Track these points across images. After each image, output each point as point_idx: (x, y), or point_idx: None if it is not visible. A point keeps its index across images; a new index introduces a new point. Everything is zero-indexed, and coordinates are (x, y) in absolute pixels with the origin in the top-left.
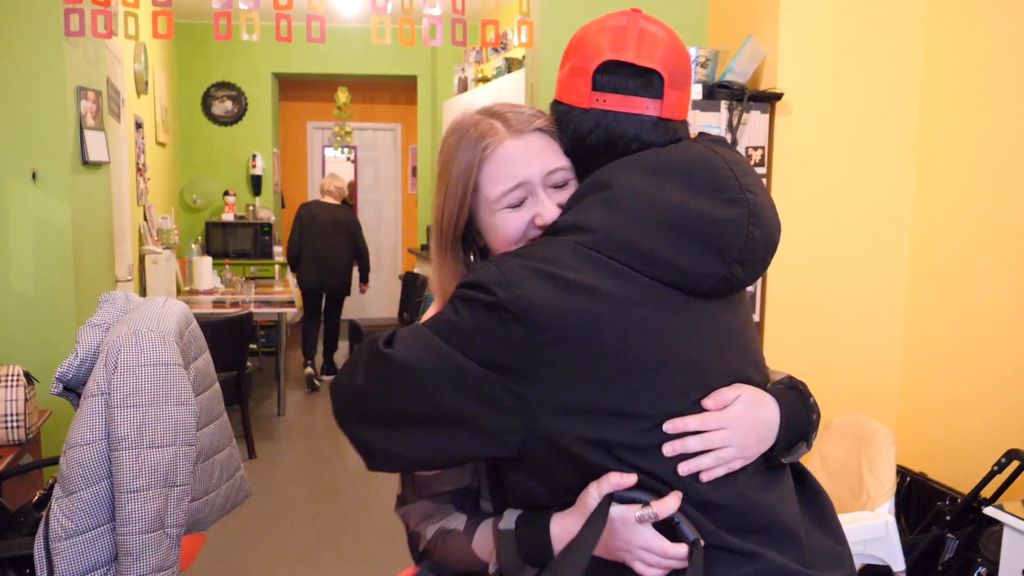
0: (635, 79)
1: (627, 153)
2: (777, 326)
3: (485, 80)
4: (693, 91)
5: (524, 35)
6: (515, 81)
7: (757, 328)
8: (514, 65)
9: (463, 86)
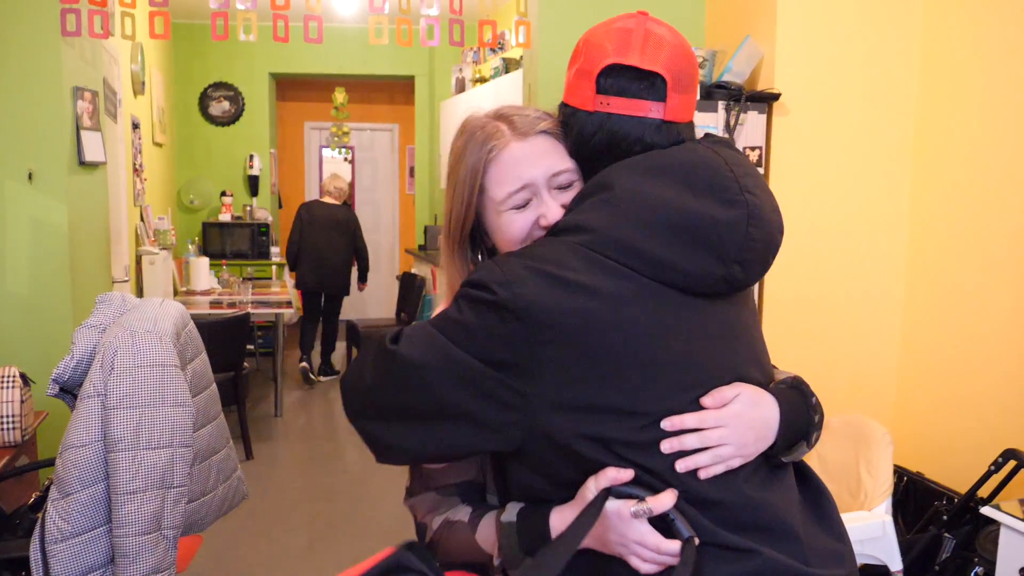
0: (638, 82)
1: (631, 154)
2: (775, 326)
3: (483, 80)
4: None
5: (522, 35)
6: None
7: None
8: (512, 65)
9: (461, 86)
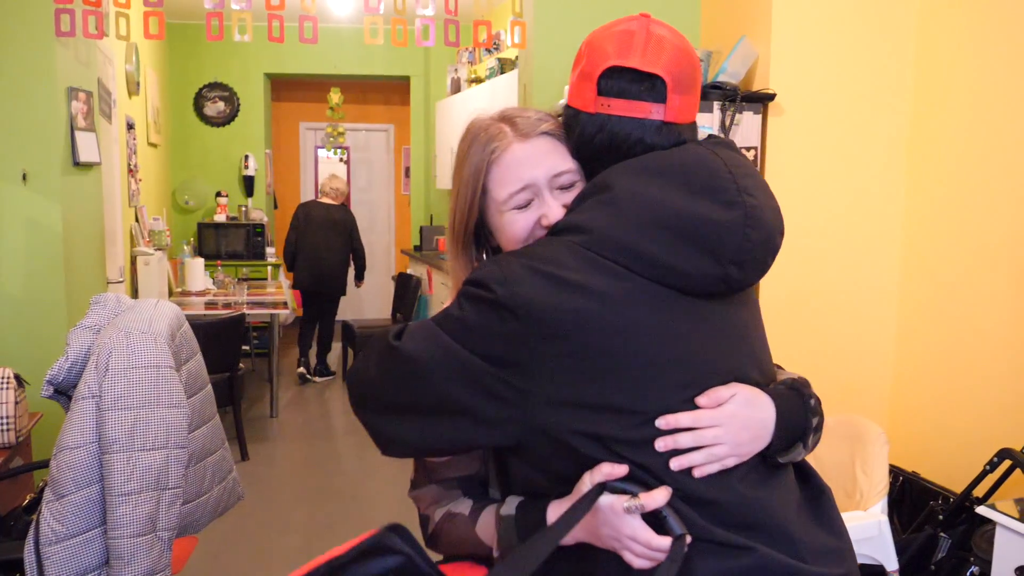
0: (639, 84)
1: (632, 155)
2: (770, 325)
3: (478, 81)
4: None
5: (517, 36)
6: (508, 82)
7: None
8: (507, 66)
9: (456, 87)
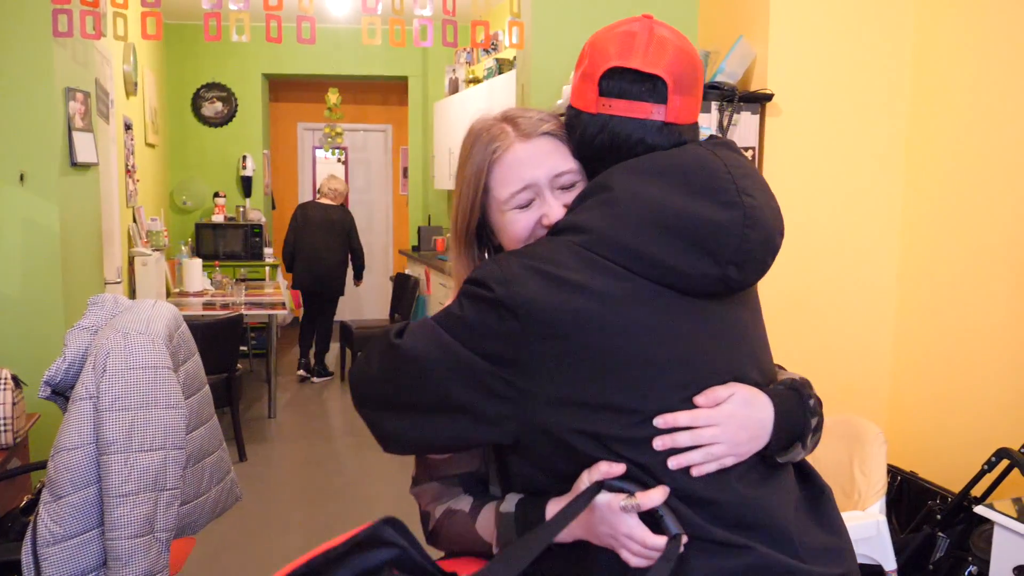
0: (640, 84)
1: (633, 156)
2: (767, 325)
3: (476, 81)
4: None
5: (515, 36)
6: (506, 82)
7: None
8: (505, 66)
9: (454, 87)
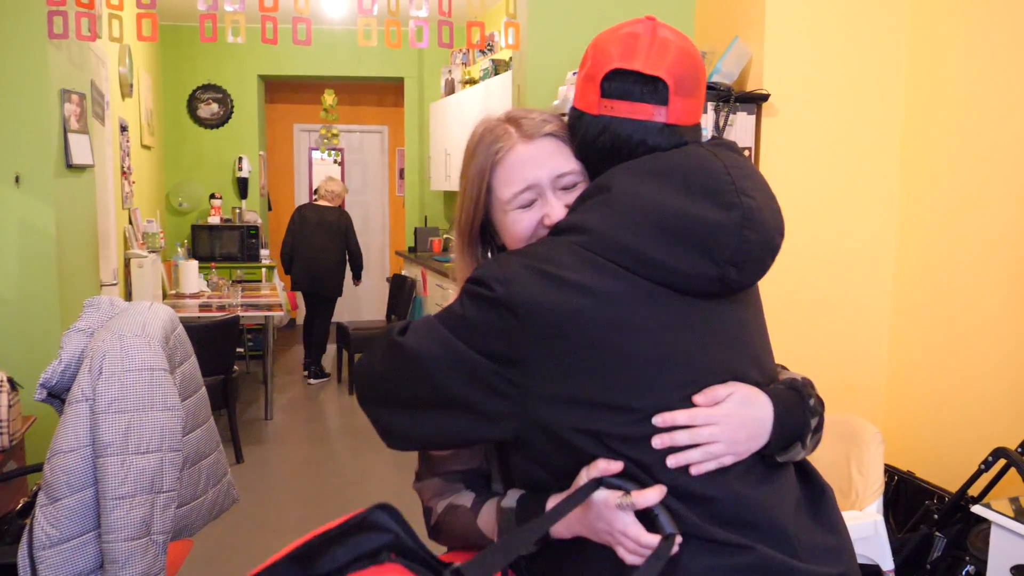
0: (641, 86)
1: (635, 157)
2: None
3: (472, 82)
4: None
5: (511, 37)
6: (502, 83)
7: None
8: (501, 67)
9: (450, 88)
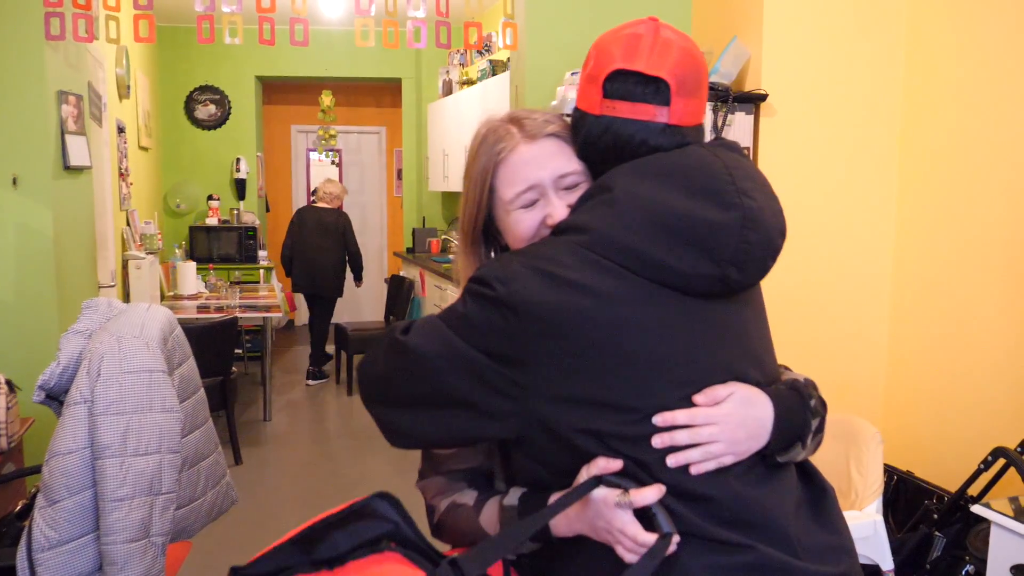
0: (643, 87)
1: (637, 157)
2: None
3: (470, 83)
4: None
5: (509, 37)
6: (500, 84)
7: None
8: (499, 67)
9: (448, 89)
